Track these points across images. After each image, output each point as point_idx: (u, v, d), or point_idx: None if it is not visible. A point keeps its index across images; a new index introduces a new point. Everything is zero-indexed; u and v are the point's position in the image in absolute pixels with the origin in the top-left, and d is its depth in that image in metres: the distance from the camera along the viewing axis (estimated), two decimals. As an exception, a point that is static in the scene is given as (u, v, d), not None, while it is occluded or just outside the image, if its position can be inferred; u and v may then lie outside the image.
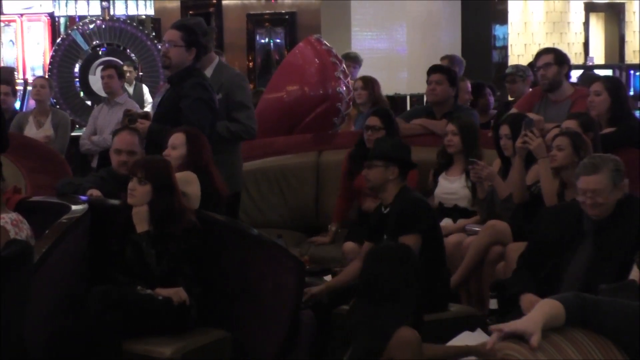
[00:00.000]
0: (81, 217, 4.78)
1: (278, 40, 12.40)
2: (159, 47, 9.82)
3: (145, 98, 10.06)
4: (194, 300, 4.71)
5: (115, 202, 5.00)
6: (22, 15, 11.91)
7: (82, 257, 4.82)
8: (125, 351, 4.53)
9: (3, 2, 11.87)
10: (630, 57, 15.99)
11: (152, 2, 11.20)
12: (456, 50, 12.42)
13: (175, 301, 4.64)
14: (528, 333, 2.77)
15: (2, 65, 11.39)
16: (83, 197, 5.16)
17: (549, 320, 2.82)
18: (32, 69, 11.65)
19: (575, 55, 14.88)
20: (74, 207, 4.87)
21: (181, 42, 5.71)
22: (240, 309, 4.86)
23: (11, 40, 11.95)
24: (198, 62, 5.83)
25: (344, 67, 7.40)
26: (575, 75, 9.26)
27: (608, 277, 4.14)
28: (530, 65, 8.40)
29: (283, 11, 12.29)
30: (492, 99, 8.61)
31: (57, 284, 4.56)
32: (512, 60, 13.13)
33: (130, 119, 5.84)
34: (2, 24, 11.90)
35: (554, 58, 6.50)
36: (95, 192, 5.29)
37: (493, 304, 4.55)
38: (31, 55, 11.83)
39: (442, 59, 9.15)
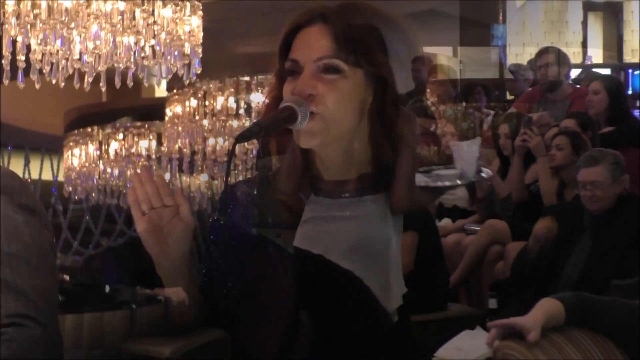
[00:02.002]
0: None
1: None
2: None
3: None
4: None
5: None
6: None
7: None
8: (124, 351, 4.52)
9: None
10: (629, 56, 15.96)
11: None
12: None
13: (174, 301, 4.63)
14: (527, 329, 2.76)
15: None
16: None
17: (549, 319, 2.82)
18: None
19: (573, 54, 14.85)
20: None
21: None
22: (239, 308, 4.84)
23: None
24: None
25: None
26: (573, 74, 9.24)
27: (606, 272, 4.15)
28: (530, 63, 8.41)
29: (281, 10, 12.27)
30: (484, 98, 8.59)
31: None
32: (510, 60, 13.10)
33: None
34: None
35: (555, 58, 6.51)
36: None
37: (492, 303, 4.56)
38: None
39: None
